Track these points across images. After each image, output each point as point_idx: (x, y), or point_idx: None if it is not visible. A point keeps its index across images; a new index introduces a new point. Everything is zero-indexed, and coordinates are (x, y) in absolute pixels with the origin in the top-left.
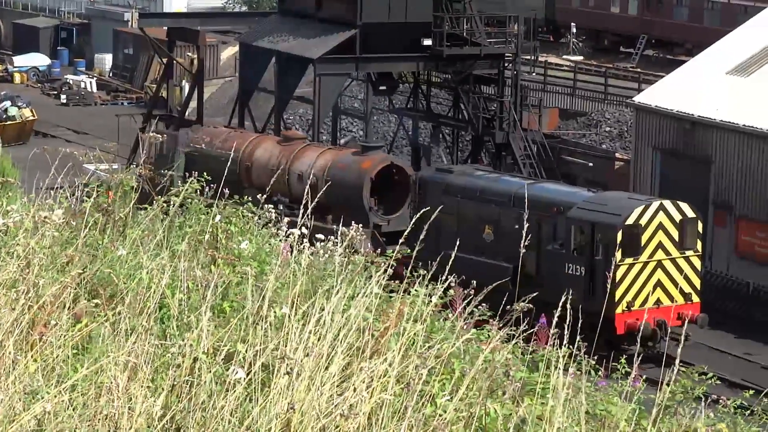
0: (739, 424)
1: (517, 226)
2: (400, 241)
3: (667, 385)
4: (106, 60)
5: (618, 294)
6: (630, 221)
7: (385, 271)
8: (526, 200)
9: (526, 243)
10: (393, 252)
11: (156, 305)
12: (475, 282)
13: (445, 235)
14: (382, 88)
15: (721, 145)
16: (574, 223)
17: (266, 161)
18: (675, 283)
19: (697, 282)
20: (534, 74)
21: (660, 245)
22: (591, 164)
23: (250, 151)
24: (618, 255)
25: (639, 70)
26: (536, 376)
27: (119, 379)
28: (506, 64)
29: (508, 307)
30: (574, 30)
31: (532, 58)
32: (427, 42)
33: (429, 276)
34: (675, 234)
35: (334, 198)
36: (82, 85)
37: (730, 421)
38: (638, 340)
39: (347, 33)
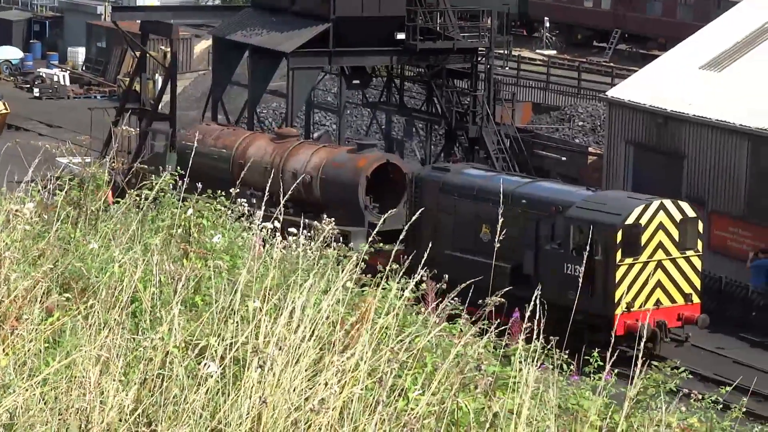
0: (711, 418)
1: (515, 226)
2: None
3: (640, 379)
4: (79, 53)
5: (618, 294)
6: (630, 221)
7: (357, 264)
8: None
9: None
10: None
11: (128, 299)
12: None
13: (441, 235)
14: (355, 82)
15: (694, 140)
16: (573, 223)
17: (260, 159)
18: (675, 284)
19: (697, 282)
20: (507, 68)
21: (660, 245)
22: (564, 158)
23: (243, 148)
24: (618, 255)
25: (612, 64)
26: (508, 370)
27: (91, 372)
28: (479, 59)
29: (480, 301)
30: (548, 24)
31: (506, 52)
32: (401, 36)
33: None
34: (675, 234)
35: (329, 196)
36: (55, 78)
37: (702, 415)
38: (643, 338)
39: (320, 27)
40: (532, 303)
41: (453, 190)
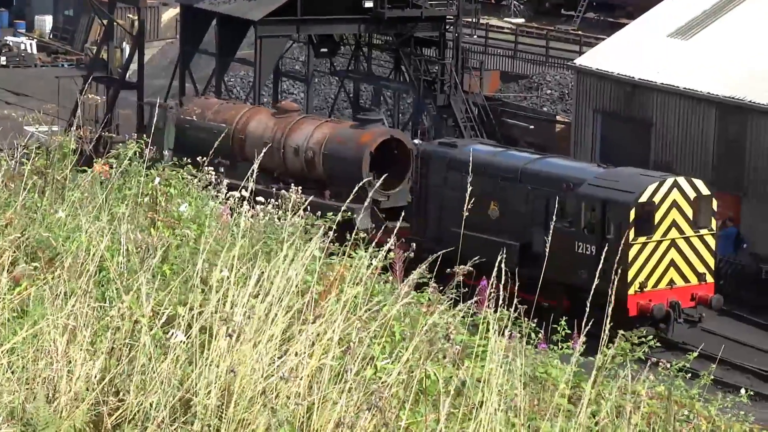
0: (679, 386)
1: (524, 203)
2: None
3: (607, 348)
4: (47, 21)
5: (630, 274)
6: (643, 198)
7: (326, 233)
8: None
9: (533, 220)
10: (392, 227)
11: (95, 268)
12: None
13: (448, 212)
14: (323, 50)
15: (662, 108)
16: (584, 200)
17: (260, 134)
18: (689, 263)
19: (711, 262)
20: (475, 37)
21: (674, 223)
22: (532, 127)
23: (243, 123)
24: (631, 234)
25: (580, 32)
26: (476, 339)
27: (58, 342)
28: (447, 27)
29: (448, 270)
30: None
31: (473, 20)
32: (369, 4)
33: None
34: (689, 212)
35: (333, 172)
36: (22, 46)
37: (670, 383)
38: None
39: None
40: (496, 268)
41: (460, 166)
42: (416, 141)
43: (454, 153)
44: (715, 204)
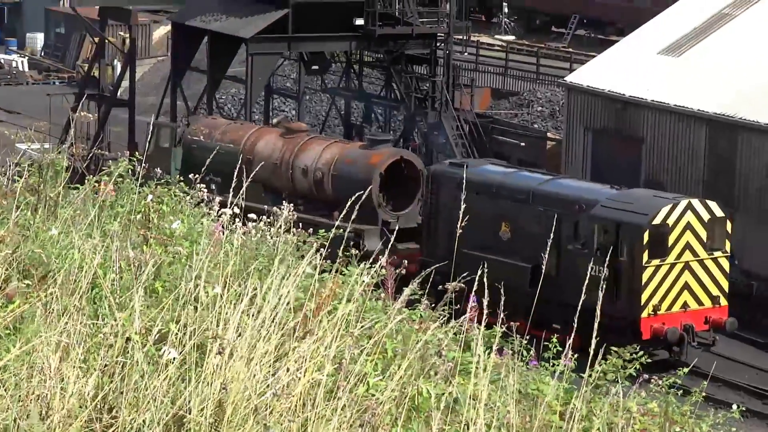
0: (671, 403)
1: (536, 224)
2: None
3: (599, 364)
4: (38, 39)
5: (644, 297)
6: (657, 221)
7: (318, 251)
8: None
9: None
10: (403, 249)
11: (88, 285)
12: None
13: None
14: (314, 67)
15: (653, 125)
16: (597, 222)
17: (268, 154)
18: (703, 286)
19: (725, 284)
20: (466, 54)
21: (688, 246)
22: (523, 144)
23: (251, 143)
24: (644, 256)
25: (571, 49)
26: (468, 355)
27: (51, 359)
28: (438, 44)
29: (440, 287)
30: (506, 10)
31: (464, 37)
32: (359, 21)
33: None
34: (703, 234)
35: (342, 194)
36: (14, 64)
37: (662, 400)
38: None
39: (279, 12)
40: (472, 282)
41: (471, 186)
42: None
43: (464, 173)
44: (729, 226)
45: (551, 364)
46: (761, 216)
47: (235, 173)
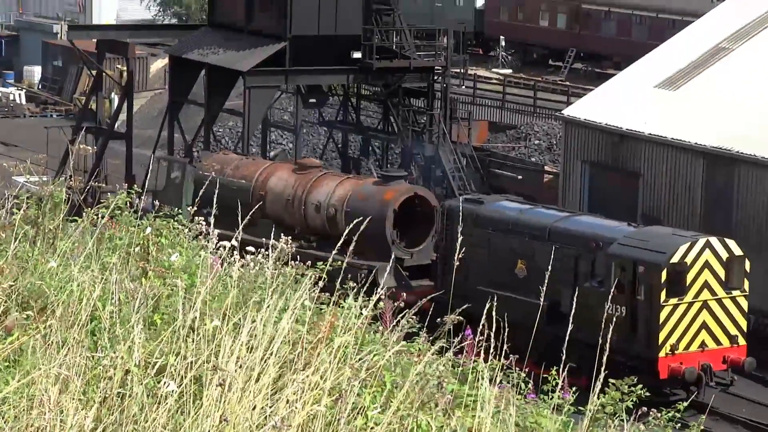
0: None
1: (552, 262)
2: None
3: (597, 398)
4: (35, 72)
5: (661, 336)
6: (675, 259)
7: (316, 283)
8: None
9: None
10: (417, 286)
11: (87, 317)
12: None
13: (474, 270)
14: (311, 100)
15: (650, 159)
16: (614, 260)
17: (281, 190)
18: (721, 325)
19: (743, 324)
20: (463, 87)
21: (706, 285)
22: (520, 177)
23: (263, 179)
24: (662, 295)
25: (568, 83)
26: (466, 388)
27: (51, 391)
28: (436, 77)
29: (438, 320)
30: (503, 43)
31: (462, 71)
32: (357, 55)
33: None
34: (721, 273)
35: (355, 230)
36: (11, 97)
37: None
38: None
39: (277, 46)
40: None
41: (487, 223)
42: None
43: (479, 209)
44: (748, 265)
45: (550, 397)
46: (761, 250)
47: (237, 208)
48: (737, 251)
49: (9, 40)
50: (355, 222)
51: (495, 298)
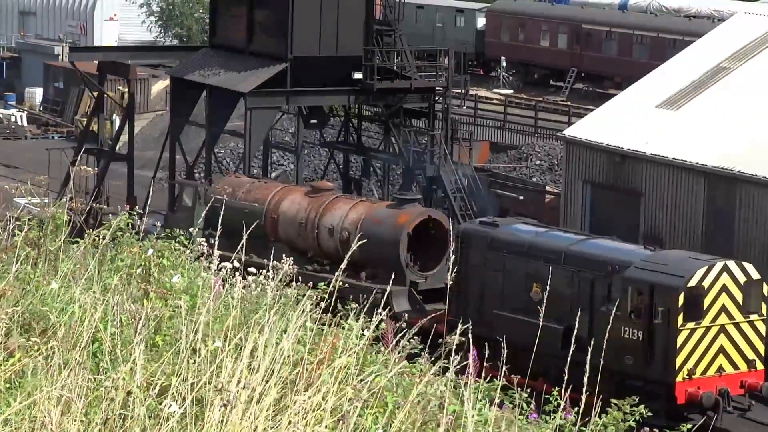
0: None
1: (568, 286)
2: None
3: (598, 417)
4: (37, 94)
5: (678, 361)
6: (692, 283)
7: (318, 304)
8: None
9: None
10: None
11: (89, 339)
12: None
13: (489, 293)
14: (313, 121)
15: (651, 179)
16: (631, 284)
17: (294, 214)
18: (738, 350)
19: (761, 348)
20: (464, 108)
21: (723, 309)
22: (521, 197)
23: (275, 202)
24: (679, 319)
25: (569, 103)
26: (468, 408)
27: (52, 413)
28: (437, 98)
29: (440, 340)
30: (504, 64)
31: (463, 91)
32: (358, 76)
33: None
34: (739, 297)
35: (369, 254)
36: (13, 119)
37: None
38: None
39: (278, 67)
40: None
41: (502, 246)
42: None
43: (495, 233)
44: (765, 289)
45: (552, 417)
46: (764, 270)
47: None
48: (755, 275)
49: (10, 61)
50: (358, 243)
51: (510, 322)
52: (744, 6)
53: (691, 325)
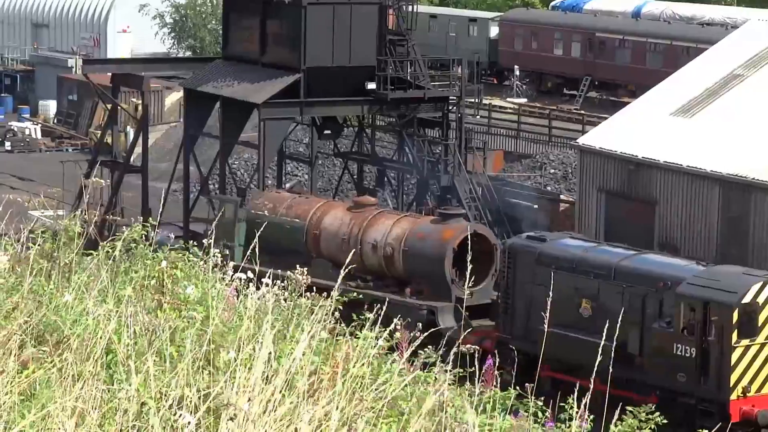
0: None
1: (618, 301)
2: None
3: (614, 425)
4: (51, 106)
5: (733, 379)
6: (747, 299)
7: (333, 314)
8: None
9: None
10: (478, 326)
11: (103, 350)
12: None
13: (537, 309)
14: (326, 132)
15: (666, 186)
16: (683, 300)
17: (336, 229)
18: None
19: None
20: (478, 117)
21: None
22: (536, 206)
23: (317, 218)
24: (733, 336)
25: (583, 111)
26: (483, 417)
27: (67, 425)
28: (450, 107)
29: (453, 349)
30: (518, 72)
31: (476, 100)
32: (371, 86)
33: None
34: None
35: (413, 270)
36: (27, 131)
37: None
38: None
39: (291, 77)
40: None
41: (550, 261)
42: None
43: (542, 247)
44: None
45: (568, 426)
46: None
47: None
48: None
49: (24, 74)
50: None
51: (558, 338)
52: (757, 13)
53: (745, 342)
